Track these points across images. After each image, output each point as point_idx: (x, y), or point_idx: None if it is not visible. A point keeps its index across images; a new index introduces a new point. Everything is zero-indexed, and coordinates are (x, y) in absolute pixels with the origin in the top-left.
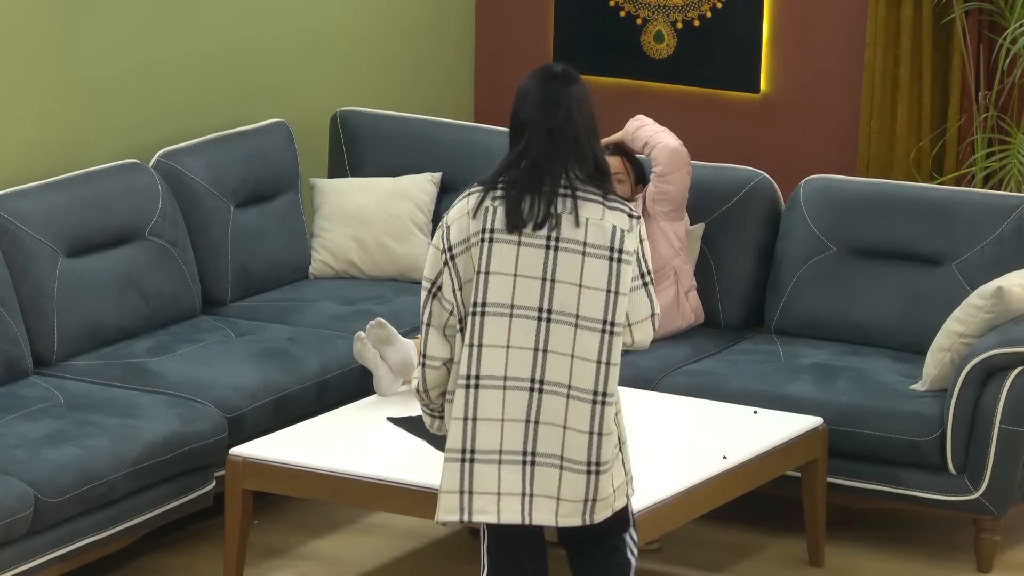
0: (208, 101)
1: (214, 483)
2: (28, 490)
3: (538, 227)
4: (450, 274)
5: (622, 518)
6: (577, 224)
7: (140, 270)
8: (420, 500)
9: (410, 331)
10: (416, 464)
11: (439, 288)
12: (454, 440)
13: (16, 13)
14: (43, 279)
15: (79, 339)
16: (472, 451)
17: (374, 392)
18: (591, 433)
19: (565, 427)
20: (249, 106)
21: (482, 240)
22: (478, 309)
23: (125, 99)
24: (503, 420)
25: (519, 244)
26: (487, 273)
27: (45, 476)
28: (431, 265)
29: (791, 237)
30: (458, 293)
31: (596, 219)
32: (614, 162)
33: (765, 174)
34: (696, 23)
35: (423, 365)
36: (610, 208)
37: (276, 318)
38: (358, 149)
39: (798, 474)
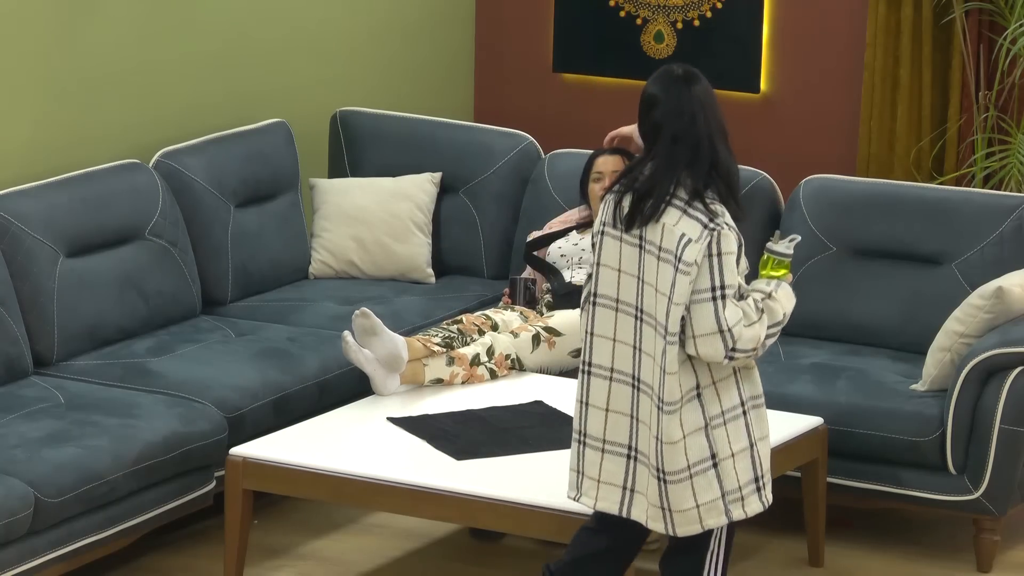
0: (208, 101)
1: (214, 483)
2: (28, 490)
3: (630, 227)
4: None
5: (702, 538)
6: (658, 227)
7: (140, 270)
8: (420, 500)
9: (410, 331)
10: (416, 464)
11: None
12: (575, 421)
13: (16, 13)
14: (43, 279)
15: (79, 339)
16: (584, 434)
17: (374, 392)
18: (656, 439)
19: (649, 428)
20: (249, 106)
21: (599, 232)
22: (592, 299)
23: (125, 99)
24: (607, 410)
25: (621, 240)
26: (599, 264)
27: (45, 476)
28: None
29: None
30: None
31: (671, 224)
32: (615, 161)
33: (765, 174)
34: (696, 23)
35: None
36: (688, 215)
37: (276, 318)
38: (358, 149)
39: (798, 474)
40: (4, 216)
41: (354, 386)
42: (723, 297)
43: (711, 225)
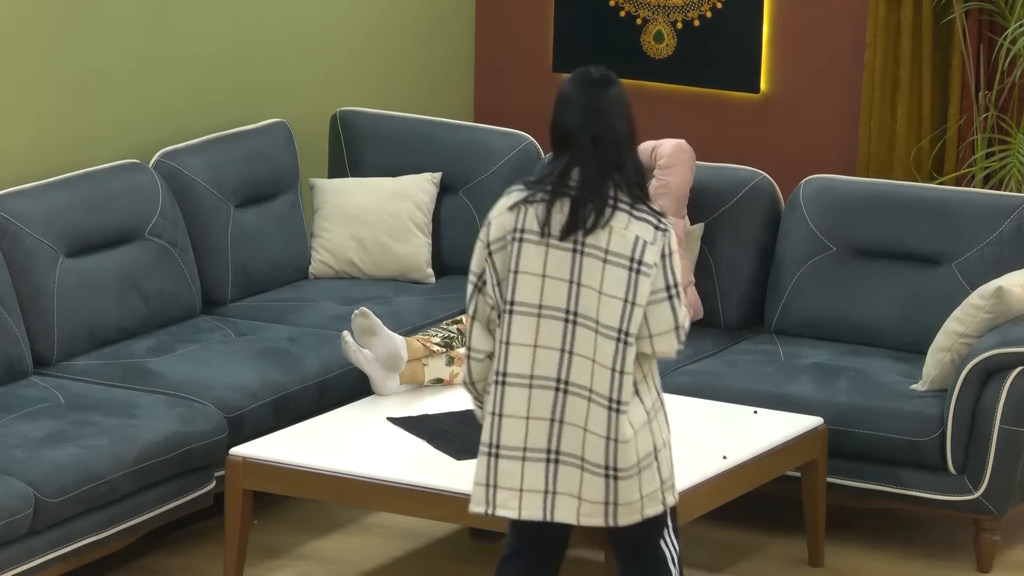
0: (208, 101)
1: (214, 483)
2: (28, 490)
3: (567, 236)
4: (490, 269)
5: (657, 523)
6: (602, 231)
7: (140, 270)
8: (420, 500)
9: (410, 331)
10: (416, 464)
11: (483, 283)
12: (484, 434)
13: (17, 14)
14: (43, 279)
15: (79, 339)
16: (498, 446)
17: (374, 392)
18: (607, 439)
19: (586, 429)
20: (249, 106)
21: (513, 239)
22: (507, 307)
23: (125, 99)
24: (528, 418)
25: (547, 246)
26: (516, 272)
27: (45, 476)
28: (476, 259)
29: (791, 237)
30: (497, 289)
31: (620, 228)
32: None
33: (765, 174)
34: (696, 23)
35: (468, 358)
36: (636, 218)
37: (276, 318)
38: (358, 149)
39: (798, 474)
40: (4, 216)
41: (354, 386)
42: (677, 295)
43: (661, 226)
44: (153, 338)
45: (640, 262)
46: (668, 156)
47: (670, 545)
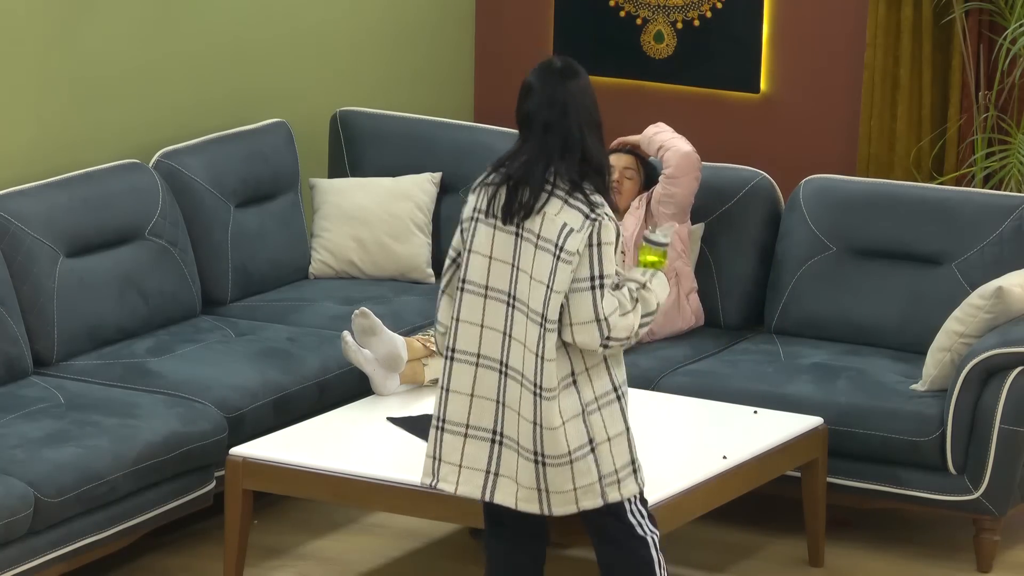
0: (208, 101)
1: (214, 483)
2: (28, 490)
3: (507, 220)
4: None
5: (618, 509)
6: (537, 216)
7: (140, 270)
8: (420, 500)
9: (410, 331)
10: (416, 464)
11: (461, 260)
12: (434, 407)
13: (17, 13)
14: (43, 279)
15: (79, 339)
16: (443, 420)
17: (374, 392)
18: (534, 424)
19: (519, 414)
20: (249, 106)
21: (472, 219)
22: (461, 285)
23: (125, 99)
24: (472, 395)
25: (495, 228)
26: (470, 251)
27: (45, 476)
28: (456, 237)
29: (791, 237)
30: None
31: (552, 214)
32: (627, 159)
33: (765, 174)
34: (696, 23)
35: (435, 331)
36: (569, 205)
37: (276, 318)
38: (358, 149)
39: (798, 474)
40: (4, 216)
41: (354, 386)
42: (602, 287)
43: (592, 215)
44: (153, 338)
45: (562, 248)
46: (675, 167)
47: (647, 530)
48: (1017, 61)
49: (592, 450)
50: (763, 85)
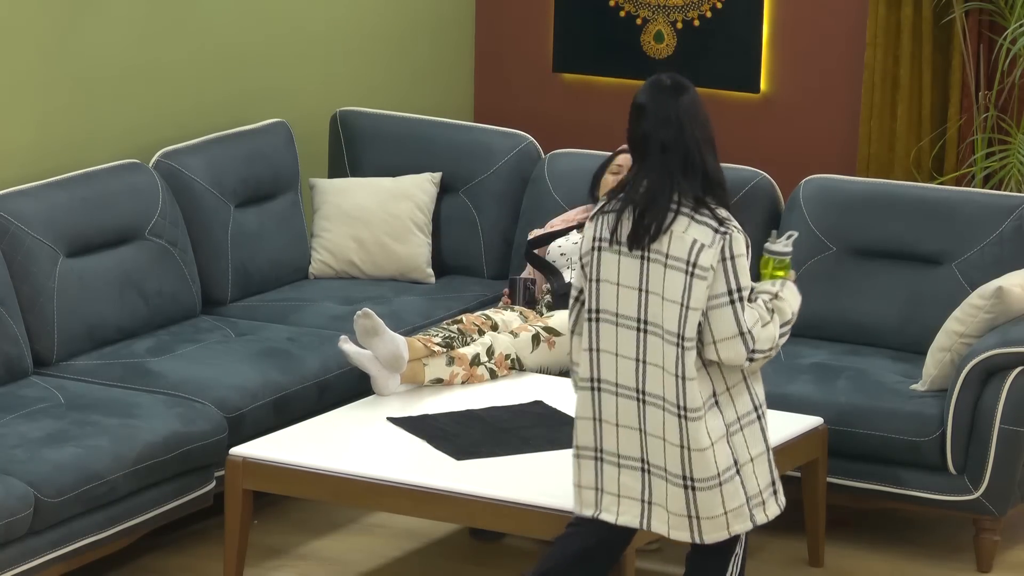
0: (208, 101)
1: (214, 483)
2: (28, 490)
3: (634, 246)
4: (584, 282)
5: (718, 553)
6: (664, 236)
7: (140, 270)
8: (420, 500)
9: (410, 331)
10: (416, 464)
11: (583, 297)
12: (585, 438)
13: (17, 14)
14: (43, 279)
15: (79, 339)
16: (601, 450)
17: (374, 392)
18: (682, 447)
19: (664, 440)
20: (249, 106)
21: (593, 249)
22: (593, 315)
23: (125, 99)
24: (618, 425)
25: (620, 254)
26: (598, 281)
27: (45, 476)
28: (576, 275)
29: None
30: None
31: (680, 232)
32: (625, 159)
33: (765, 174)
34: (696, 23)
35: (572, 372)
36: (697, 221)
37: (276, 318)
38: (358, 149)
39: (798, 474)
40: (4, 216)
41: (354, 386)
42: (740, 300)
43: (722, 229)
44: (153, 338)
45: (695, 264)
46: None
47: (734, 569)
48: (1017, 61)
49: (738, 472)
50: (763, 85)
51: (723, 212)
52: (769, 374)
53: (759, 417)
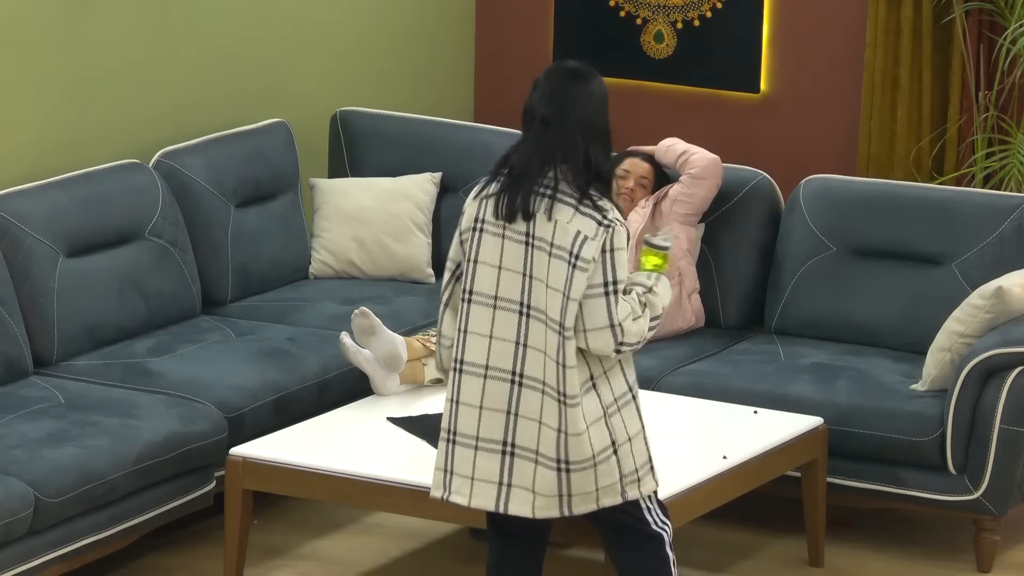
0: (208, 101)
1: (214, 483)
2: (28, 490)
3: (511, 218)
4: (463, 258)
5: (633, 506)
6: (548, 224)
7: (140, 270)
8: (420, 500)
9: (410, 331)
10: (416, 464)
11: (461, 272)
12: (444, 420)
13: (16, 13)
14: (43, 279)
15: (79, 339)
16: (454, 432)
17: (374, 392)
18: (559, 431)
19: (540, 422)
20: (249, 106)
21: (474, 229)
22: (466, 296)
23: (125, 99)
24: (481, 407)
25: (503, 237)
26: (475, 262)
27: (45, 476)
28: (453, 248)
29: (791, 237)
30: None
31: (564, 222)
32: (646, 168)
33: (765, 174)
34: (696, 23)
35: (439, 344)
36: (581, 213)
37: (276, 318)
38: (358, 149)
39: (798, 474)
40: (4, 216)
41: (354, 386)
42: (615, 292)
43: (605, 221)
44: (153, 338)
45: (578, 256)
46: (702, 168)
47: (661, 527)
48: (1017, 61)
49: (615, 451)
50: (763, 85)
51: (606, 203)
52: (769, 374)
53: (634, 397)
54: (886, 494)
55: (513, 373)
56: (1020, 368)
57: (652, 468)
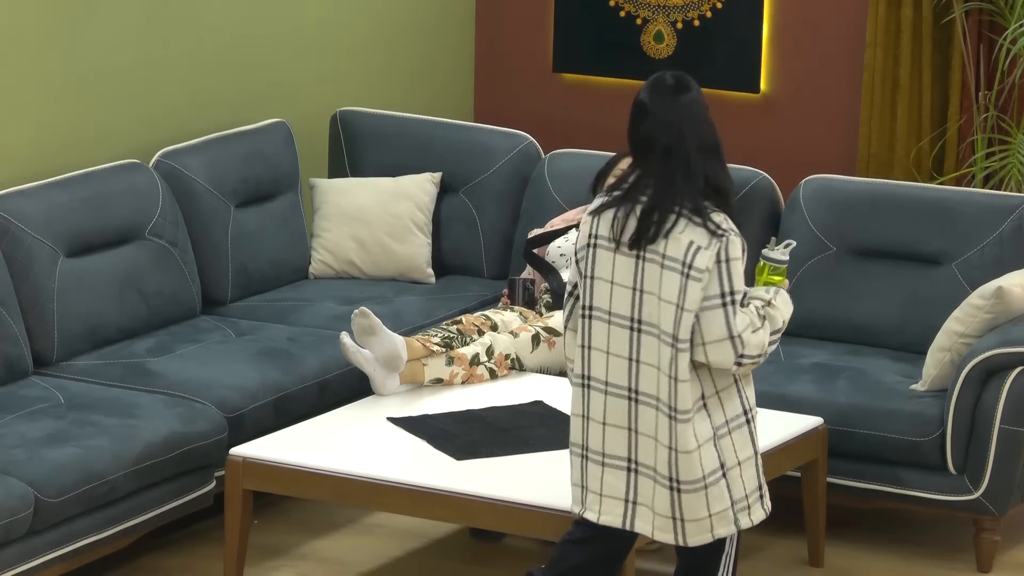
0: (208, 101)
1: (214, 483)
2: (28, 490)
3: (635, 246)
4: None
5: (708, 556)
6: (661, 236)
7: (140, 270)
8: (420, 500)
9: (410, 331)
10: (416, 464)
11: (578, 292)
12: (575, 435)
13: (16, 13)
14: (43, 279)
15: (79, 339)
16: (586, 448)
17: (373, 392)
18: (670, 448)
19: (656, 439)
20: (249, 106)
21: (588, 245)
22: (586, 312)
23: (125, 99)
24: (604, 423)
25: (616, 252)
26: (591, 277)
27: (45, 476)
28: (572, 269)
29: (791, 237)
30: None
31: (677, 233)
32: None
33: (765, 174)
34: (696, 23)
35: (567, 368)
36: (694, 223)
37: (276, 318)
38: (358, 149)
39: (798, 474)
40: (4, 216)
41: (354, 386)
42: (733, 303)
43: (719, 232)
44: (153, 338)
45: (691, 266)
46: None
47: (725, 570)
48: (1017, 61)
49: (724, 475)
50: (763, 85)
51: (719, 216)
52: (769, 374)
53: (748, 421)
54: (886, 494)
55: (629, 390)
56: (1020, 368)
57: (762, 496)
